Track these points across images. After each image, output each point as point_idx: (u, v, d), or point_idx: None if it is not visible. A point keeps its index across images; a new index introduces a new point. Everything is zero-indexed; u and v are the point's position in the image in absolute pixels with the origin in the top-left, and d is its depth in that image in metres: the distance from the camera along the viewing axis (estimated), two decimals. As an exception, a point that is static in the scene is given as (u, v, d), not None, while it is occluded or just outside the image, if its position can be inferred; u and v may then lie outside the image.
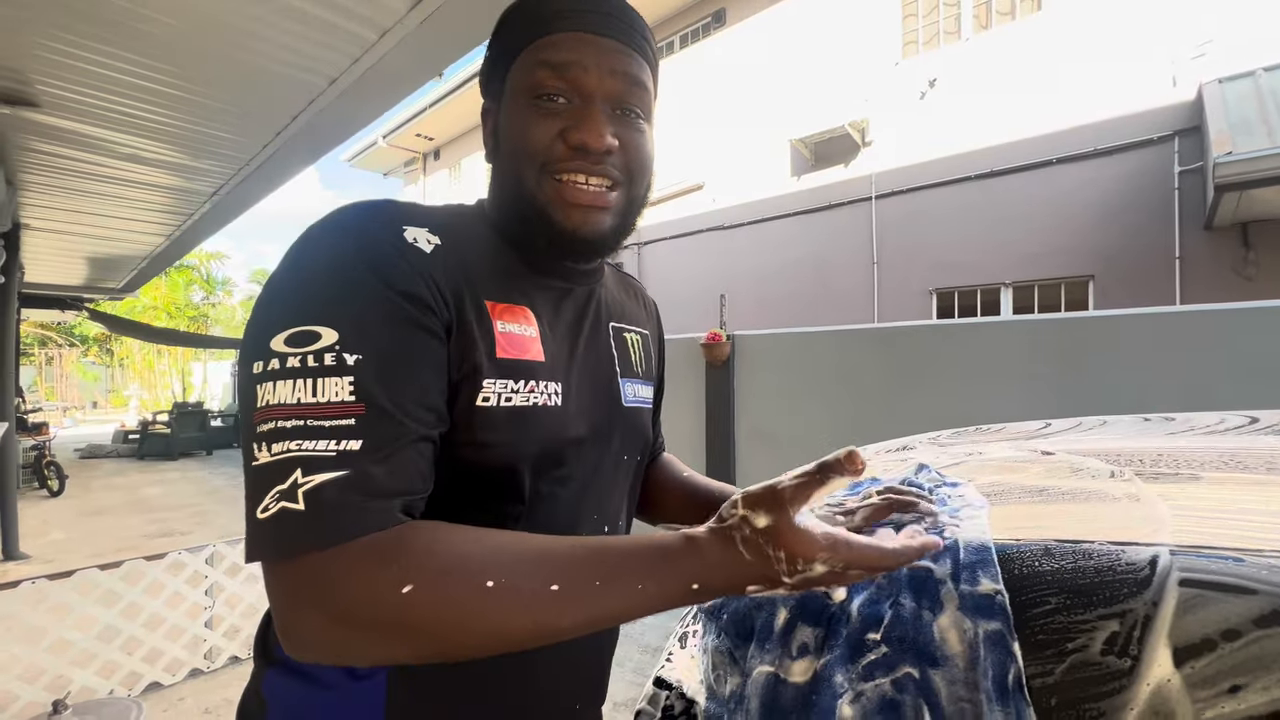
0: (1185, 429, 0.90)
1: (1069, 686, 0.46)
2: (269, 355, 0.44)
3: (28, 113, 2.66)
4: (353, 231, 0.49)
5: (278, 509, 0.40)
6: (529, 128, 0.55)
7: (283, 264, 0.49)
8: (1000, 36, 5.39)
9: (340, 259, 0.47)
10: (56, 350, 19.79)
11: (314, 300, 0.45)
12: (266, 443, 0.42)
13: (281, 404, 0.43)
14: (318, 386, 0.43)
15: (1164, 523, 0.53)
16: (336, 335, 0.44)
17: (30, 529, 5.10)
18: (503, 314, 0.55)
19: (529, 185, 0.56)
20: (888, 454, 1.07)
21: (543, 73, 0.55)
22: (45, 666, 2.35)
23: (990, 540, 0.54)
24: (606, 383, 0.65)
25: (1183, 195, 4.43)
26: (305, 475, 0.41)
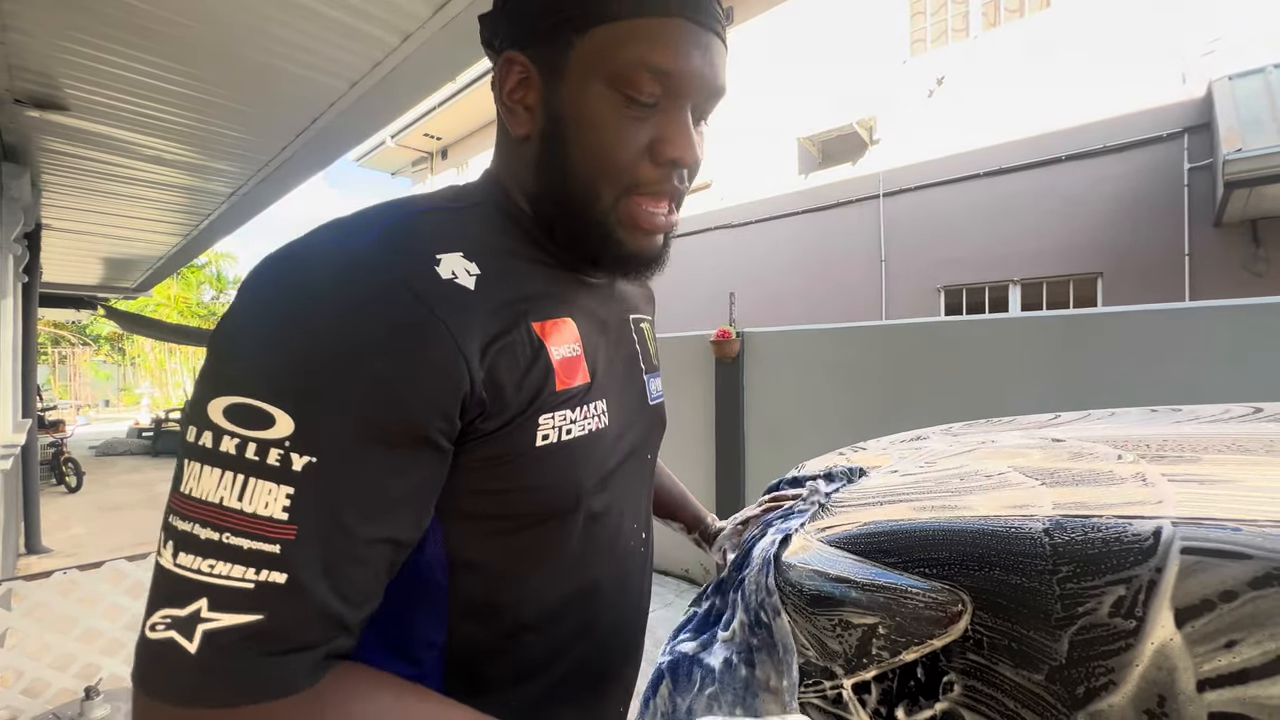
0: (1190, 419, 0.93)
1: (1080, 646, 0.50)
2: (203, 424, 0.35)
3: (56, 116, 2.72)
4: (363, 271, 0.37)
5: (165, 637, 0.33)
6: (615, 132, 0.46)
7: (263, 288, 0.37)
8: (1009, 34, 5.39)
9: (329, 315, 0.36)
10: (69, 349, 20.02)
11: (273, 369, 0.35)
12: (175, 543, 0.34)
13: (203, 500, 0.34)
14: (247, 490, 0.34)
15: (1168, 498, 0.57)
16: (291, 428, 0.34)
17: (51, 524, 5.20)
18: (551, 335, 0.47)
19: (604, 200, 0.47)
20: (902, 444, 1.11)
21: (643, 68, 0.44)
22: (76, 655, 2.42)
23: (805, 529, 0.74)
24: (637, 384, 0.60)
25: (1192, 192, 4.43)
26: (210, 610, 0.33)
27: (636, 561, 0.60)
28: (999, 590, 0.55)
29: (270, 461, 0.34)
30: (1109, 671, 0.49)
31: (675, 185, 0.49)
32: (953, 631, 0.57)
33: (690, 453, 3.81)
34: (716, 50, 0.48)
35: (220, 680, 0.33)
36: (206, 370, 0.36)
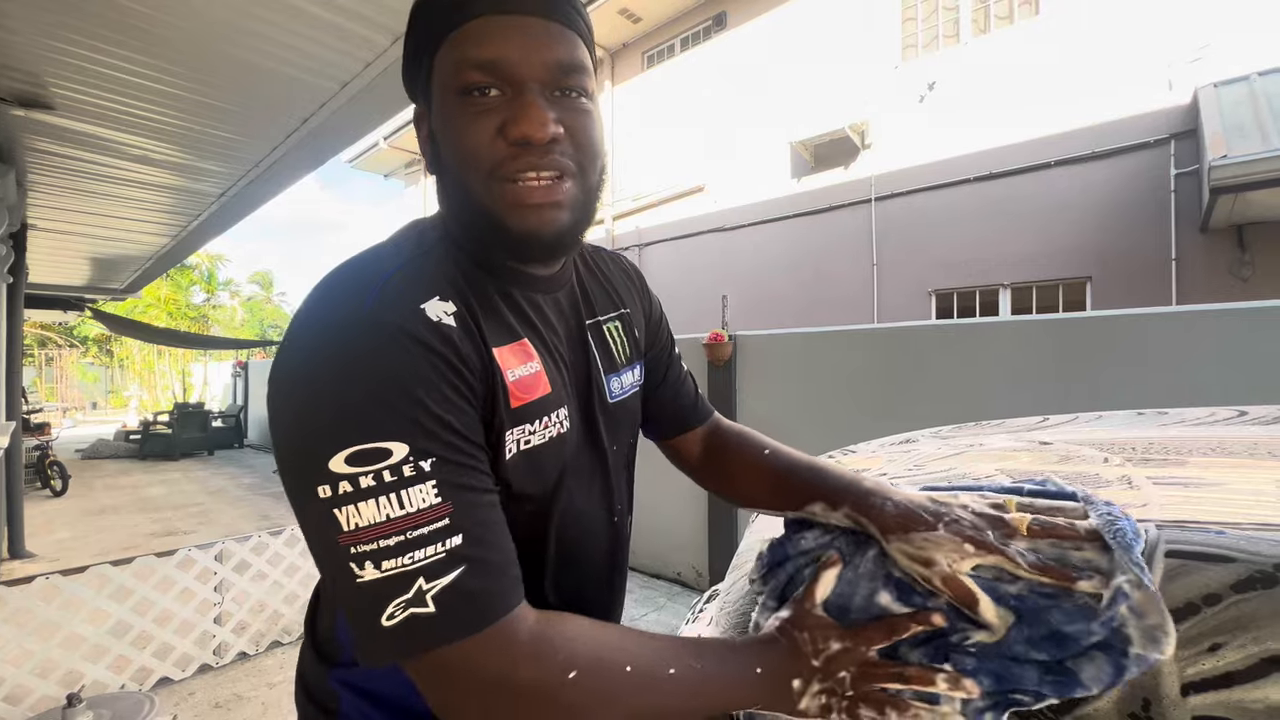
0: (1176, 422, 0.94)
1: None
2: (333, 478, 0.43)
3: (41, 115, 2.69)
4: (376, 328, 0.46)
5: (406, 616, 0.43)
6: (465, 130, 0.50)
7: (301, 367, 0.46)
8: (998, 40, 5.45)
9: (377, 365, 0.45)
10: (56, 351, 19.79)
11: (367, 417, 0.44)
12: (371, 562, 0.43)
13: (372, 524, 0.43)
14: (404, 499, 0.43)
15: (1152, 500, 0.57)
16: (407, 449, 0.44)
17: (35, 528, 5.13)
18: (508, 359, 0.54)
19: (478, 193, 0.52)
20: (892, 446, 1.11)
21: (466, 67, 0.49)
22: (58, 661, 2.38)
23: None
24: (595, 388, 0.65)
25: (1179, 198, 4.48)
26: (429, 582, 0.43)
27: (602, 543, 0.67)
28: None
29: (408, 474, 0.44)
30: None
31: (539, 160, 0.51)
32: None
33: (683, 456, 3.81)
34: (539, 30, 0.51)
35: (463, 615, 0.43)
36: (301, 438, 0.45)
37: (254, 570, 2.96)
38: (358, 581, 0.43)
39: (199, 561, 2.78)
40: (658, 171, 8.15)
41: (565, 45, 0.52)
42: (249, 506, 6.35)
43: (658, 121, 8.22)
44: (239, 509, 6.24)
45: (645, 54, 8.44)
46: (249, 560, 2.94)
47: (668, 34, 8.12)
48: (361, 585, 0.43)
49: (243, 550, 2.92)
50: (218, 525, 5.56)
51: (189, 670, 2.72)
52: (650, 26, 8.17)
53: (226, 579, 2.87)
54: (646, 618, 3.38)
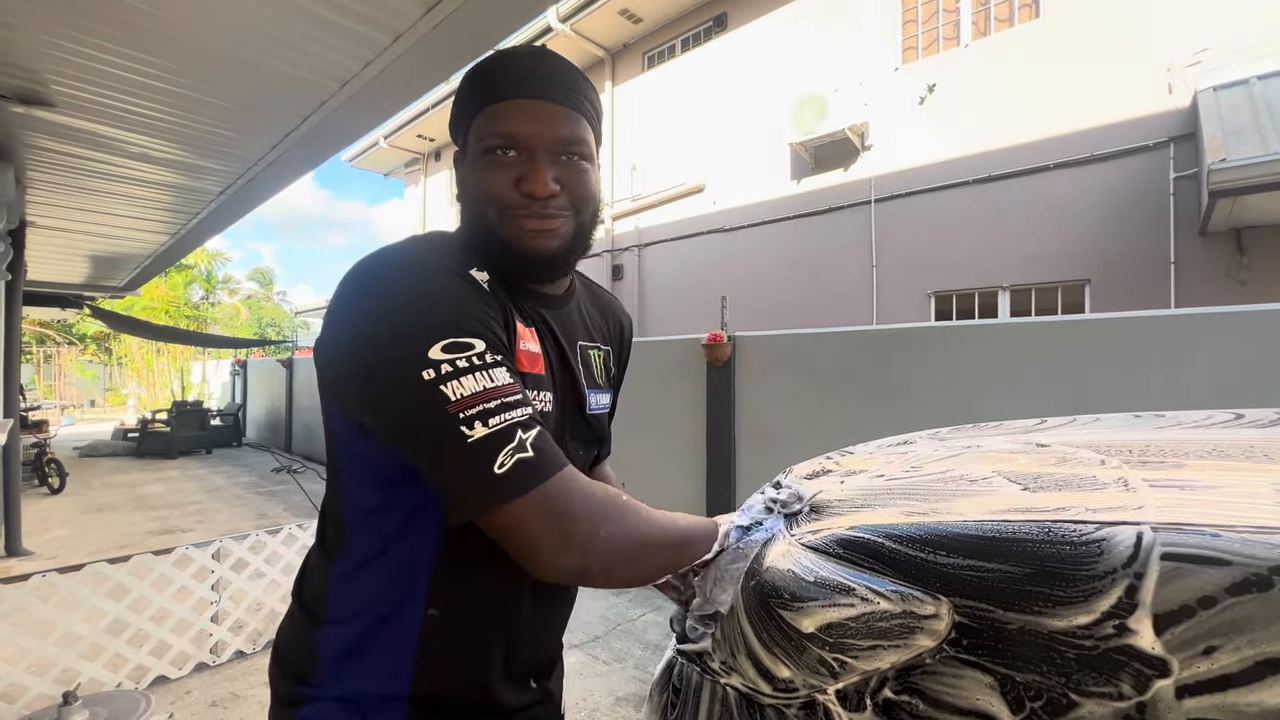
0: (1173, 424, 0.94)
1: (1061, 652, 0.50)
2: (435, 364, 0.55)
3: (41, 112, 2.69)
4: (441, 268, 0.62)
5: (514, 461, 0.55)
6: (488, 179, 0.67)
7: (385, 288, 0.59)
8: (999, 43, 5.45)
9: (449, 286, 0.60)
10: (55, 348, 19.76)
11: (452, 318, 0.58)
12: (479, 421, 0.54)
13: (474, 393, 0.55)
14: (492, 376, 0.56)
15: (1149, 503, 0.57)
16: (484, 344, 0.58)
17: (32, 526, 5.12)
18: (522, 333, 0.69)
19: (494, 223, 0.67)
20: (889, 448, 1.11)
21: (493, 134, 0.66)
22: (54, 659, 2.38)
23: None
24: (579, 392, 0.78)
25: (1178, 201, 4.48)
26: (525, 433, 0.56)
27: None
28: (980, 595, 0.55)
29: (489, 360, 0.57)
30: (1090, 678, 0.49)
31: (541, 209, 0.67)
32: (934, 636, 0.57)
33: (681, 456, 3.81)
34: (551, 113, 0.67)
35: (554, 457, 0.58)
36: (399, 346, 0.56)
37: (251, 569, 2.96)
38: (469, 440, 0.54)
39: (196, 560, 2.77)
40: (657, 172, 8.15)
41: (569, 124, 0.68)
42: (246, 505, 6.34)
43: (657, 122, 8.22)
44: (236, 508, 6.23)
45: (646, 54, 8.44)
46: (246, 559, 2.93)
47: (668, 35, 8.12)
48: (473, 443, 0.54)
49: (240, 549, 2.91)
50: (215, 524, 5.55)
51: (185, 669, 2.71)
52: (651, 27, 8.17)
53: (224, 577, 2.86)
54: (644, 618, 3.38)
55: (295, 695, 0.69)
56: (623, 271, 8.60)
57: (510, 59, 0.68)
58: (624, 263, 8.59)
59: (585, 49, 8.53)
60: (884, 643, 0.59)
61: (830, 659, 0.63)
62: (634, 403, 2.25)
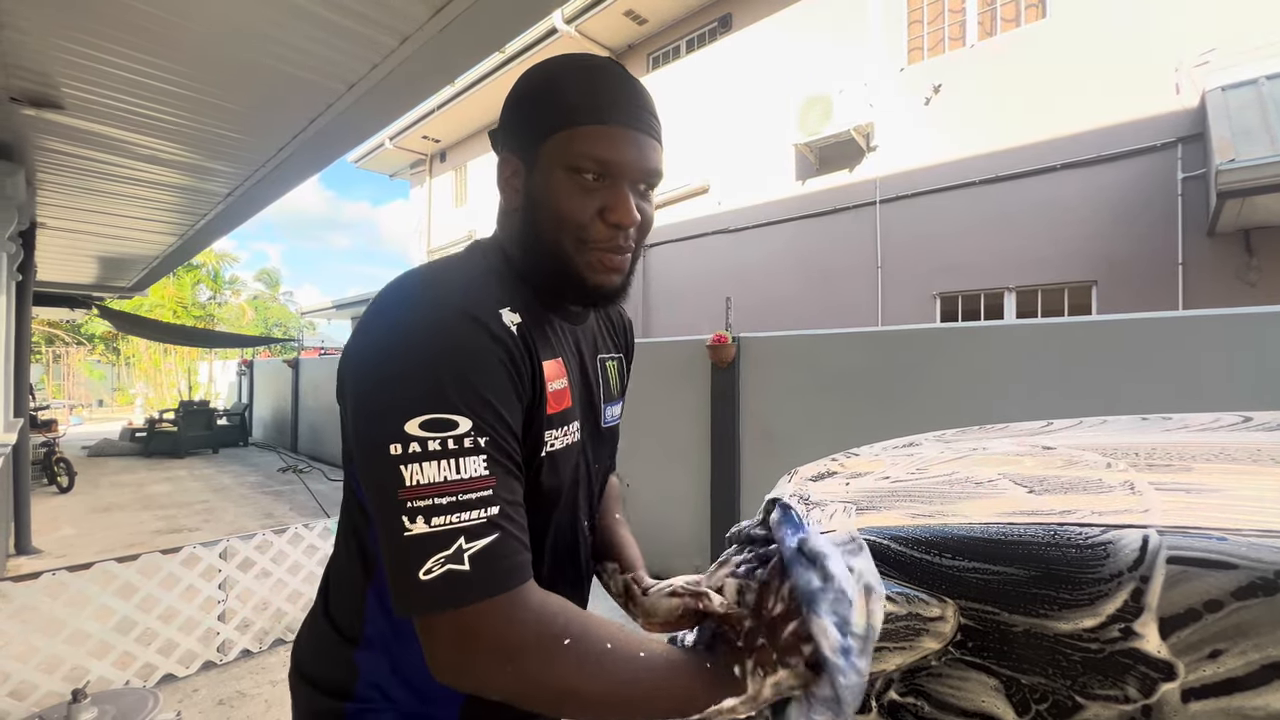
0: (1180, 427, 0.94)
1: (1067, 655, 0.50)
2: (406, 439, 0.51)
3: (52, 115, 2.72)
4: (464, 315, 0.56)
5: (443, 571, 0.49)
6: (570, 202, 0.62)
7: (396, 336, 0.55)
8: (1005, 43, 5.43)
9: (463, 347, 0.55)
10: (63, 348, 19.92)
11: (444, 390, 0.52)
12: (423, 516, 0.50)
13: (431, 483, 0.50)
14: (460, 466, 0.51)
15: (1155, 506, 0.57)
16: (471, 424, 0.53)
17: (41, 524, 5.16)
18: (549, 371, 0.65)
19: (567, 251, 0.64)
20: (894, 450, 1.11)
21: (584, 159, 0.62)
22: (63, 657, 2.40)
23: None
24: (596, 411, 0.77)
25: (1186, 201, 4.45)
26: (469, 542, 0.50)
27: (579, 550, 0.78)
28: (985, 598, 0.55)
29: (467, 445, 0.52)
30: (1096, 681, 0.49)
31: (621, 241, 0.65)
32: (939, 638, 0.57)
33: (686, 457, 3.81)
34: (645, 144, 0.64)
35: (492, 577, 0.50)
36: (382, 404, 0.53)
37: (258, 568, 2.97)
38: (405, 534, 0.50)
39: (203, 559, 2.79)
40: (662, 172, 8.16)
41: (654, 156, 0.65)
42: (253, 505, 6.37)
43: (663, 122, 8.22)
44: (243, 507, 6.26)
45: (650, 55, 8.45)
46: (253, 558, 2.95)
47: (673, 35, 8.12)
48: (408, 538, 0.50)
49: (247, 548, 2.93)
50: (222, 523, 5.59)
51: (193, 667, 2.73)
52: (656, 28, 8.17)
53: (230, 576, 2.88)
54: (648, 619, 3.38)
55: (338, 712, 0.67)
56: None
57: (609, 79, 0.64)
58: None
59: (590, 50, 8.53)
60: (890, 645, 0.59)
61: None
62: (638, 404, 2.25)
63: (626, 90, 0.64)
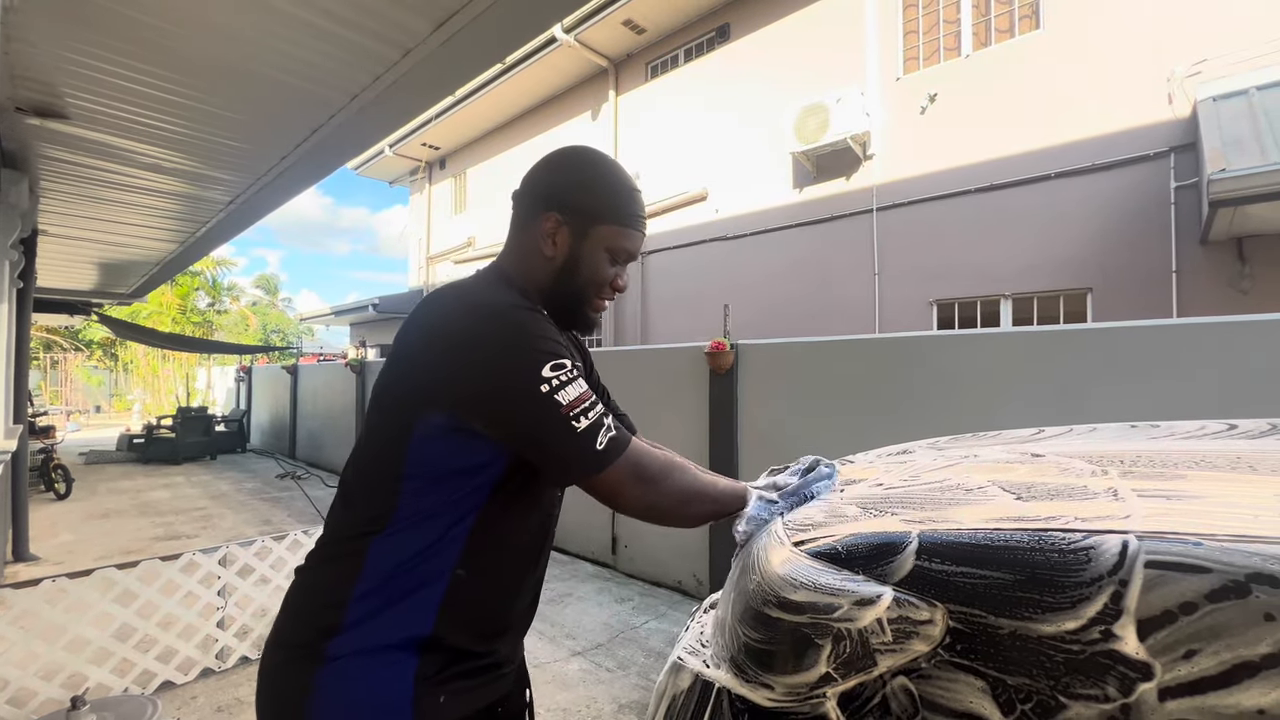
0: (1166, 434, 0.96)
1: (1049, 656, 0.52)
2: (548, 379, 0.76)
3: (56, 124, 2.74)
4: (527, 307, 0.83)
5: (609, 438, 0.78)
6: (602, 272, 0.91)
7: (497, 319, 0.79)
8: (999, 53, 5.49)
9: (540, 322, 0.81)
10: (61, 354, 19.88)
11: (548, 348, 0.78)
12: (583, 416, 0.77)
13: (576, 398, 0.77)
14: (581, 385, 0.79)
15: (1135, 512, 0.59)
16: (570, 361, 0.79)
17: (39, 531, 5.15)
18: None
19: (588, 299, 0.93)
20: (888, 457, 1.13)
21: (620, 252, 0.91)
22: (63, 663, 2.40)
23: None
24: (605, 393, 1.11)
25: (1179, 210, 4.50)
26: (607, 419, 0.79)
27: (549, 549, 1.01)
28: (973, 601, 0.57)
29: (575, 374, 0.79)
30: (1077, 681, 0.51)
31: (613, 300, 0.96)
32: (929, 641, 0.59)
33: (684, 464, 3.82)
34: (642, 240, 0.94)
35: (625, 434, 0.82)
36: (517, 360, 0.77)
37: (257, 575, 2.98)
38: (579, 430, 0.76)
39: (203, 565, 2.80)
40: (660, 180, 8.20)
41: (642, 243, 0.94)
42: (251, 512, 6.36)
43: (660, 131, 8.28)
44: (242, 514, 6.25)
45: (649, 64, 8.52)
46: (252, 565, 2.96)
47: (671, 45, 8.20)
48: (581, 431, 0.76)
49: (246, 555, 2.94)
50: (220, 530, 5.58)
51: (191, 674, 2.73)
52: (654, 38, 8.24)
53: (230, 583, 2.88)
54: (647, 625, 3.38)
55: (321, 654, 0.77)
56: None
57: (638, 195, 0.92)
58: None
59: (589, 59, 8.61)
60: (881, 647, 0.61)
61: (832, 663, 0.65)
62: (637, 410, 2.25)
63: (643, 202, 0.92)
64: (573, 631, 3.30)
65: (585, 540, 4.61)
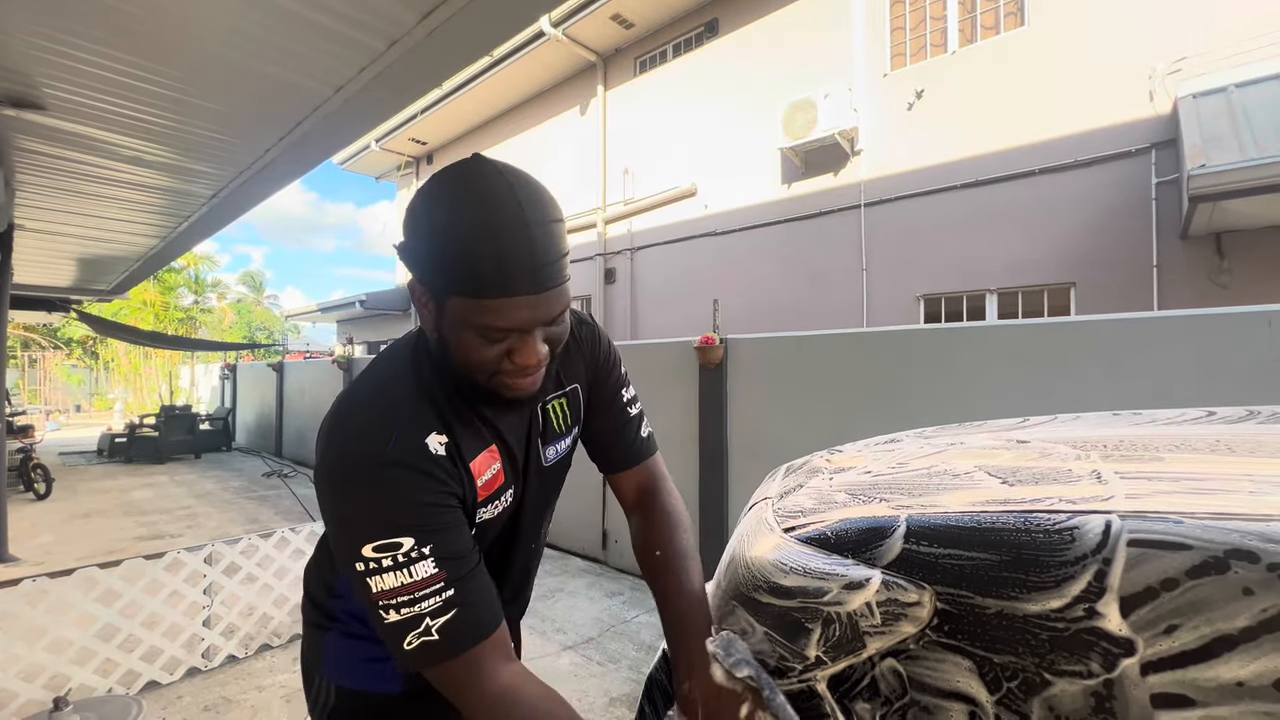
0: (1148, 421, 0.97)
1: (1035, 634, 0.53)
2: (366, 560, 0.66)
3: (32, 115, 2.68)
4: (396, 465, 0.68)
5: (420, 643, 0.66)
6: (478, 354, 0.69)
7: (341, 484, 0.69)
8: (985, 50, 5.54)
9: (394, 488, 0.68)
10: (39, 352, 19.49)
11: (388, 520, 0.67)
12: (394, 609, 0.66)
13: (390, 589, 0.66)
14: (411, 572, 0.66)
15: (1118, 493, 0.60)
16: (413, 541, 0.67)
17: (18, 532, 5.05)
18: (479, 466, 0.78)
19: (480, 381, 0.72)
20: (876, 446, 1.14)
21: (488, 326, 0.66)
22: (44, 665, 2.36)
23: None
24: (535, 456, 0.88)
25: (1160, 206, 4.57)
26: (433, 620, 0.66)
27: (533, 557, 1.00)
28: (960, 583, 0.58)
29: (414, 556, 0.67)
30: (1062, 658, 0.52)
31: (533, 374, 0.72)
32: (917, 622, 0.60)
33: (673, 459, 3.83)
34: (545, 300, 0.66)
35: (461, 638, 0.67)
36: (344, 534, 0.69)
37: (243, 573, 2.94)
38: (386, 622, 0.67)
39: (188, 564, 2.76)
40: (649, 175, 8.19)
41: (559, 301, 0.68)
42: (237, 510, 6.29)
43: (649, 126, 8.27)
44: (227, 513, 6.18)
45: (637, 59, 8.49)
46: (238, 563, 2.92)
47: (660, 40, 8.18)
48: (389, 624, 0.67)
49: (232, 553, 2.90)
50: (206, 529, 5.51)
51: (177, 674, 2.70)
52: (643, 32, 8.22)
53: (216, 582, 2.85)
54: (637, 619, 3.39)
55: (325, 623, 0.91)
56: (615, 275, 8.62)
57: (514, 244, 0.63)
58: (616, 266, 8.62)
59: (577, 54, 8.57)
60: (870, 630, 0.62)
61: (822, 646, 0.65)
62: (627, 405, 2.27)
63: (535, 250, 0.64)
64: (563, 626, 3.30)
65: (575, 536, 4.61)
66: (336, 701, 0.89)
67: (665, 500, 0.95)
